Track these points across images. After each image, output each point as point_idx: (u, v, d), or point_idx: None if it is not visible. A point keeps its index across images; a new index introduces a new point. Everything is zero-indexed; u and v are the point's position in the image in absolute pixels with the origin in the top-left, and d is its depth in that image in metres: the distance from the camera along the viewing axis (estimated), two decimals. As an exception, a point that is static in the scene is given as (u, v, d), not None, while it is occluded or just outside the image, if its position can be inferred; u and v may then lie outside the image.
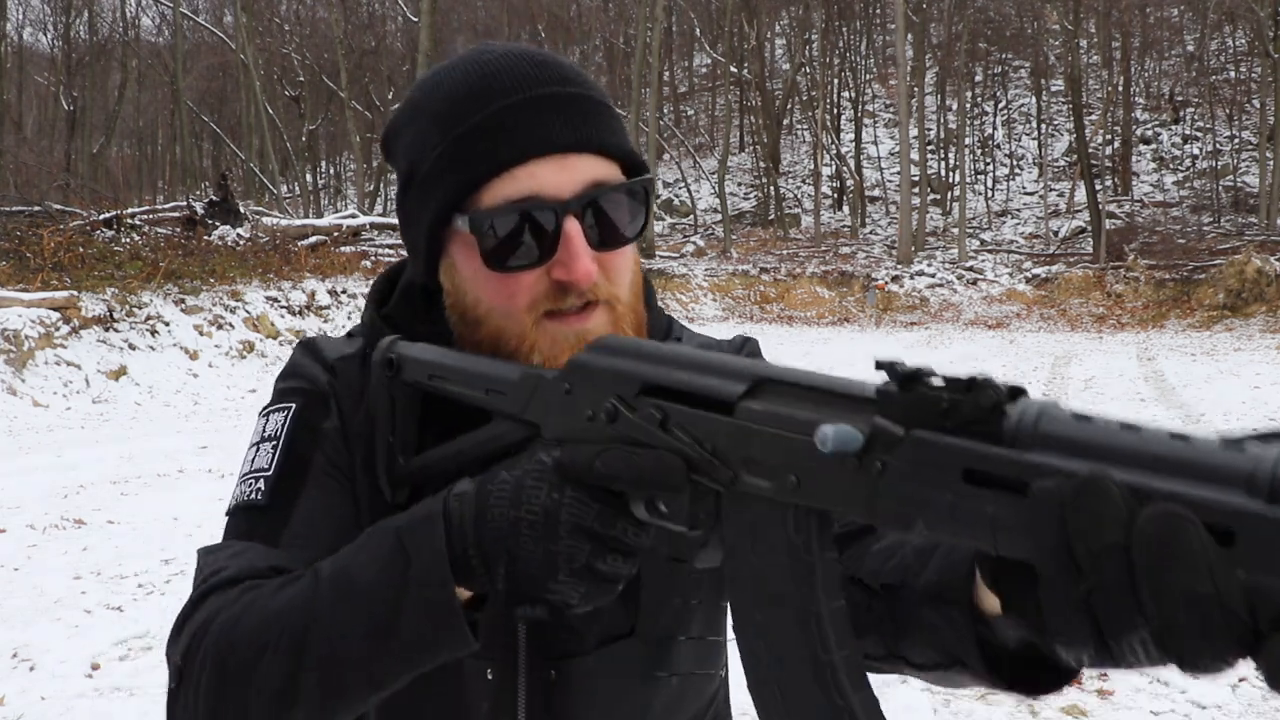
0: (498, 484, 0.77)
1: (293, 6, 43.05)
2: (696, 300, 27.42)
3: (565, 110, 0.90)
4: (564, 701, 0.98)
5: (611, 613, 0.98)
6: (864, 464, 0.63)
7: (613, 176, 0.93)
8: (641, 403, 0.77)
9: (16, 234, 15.73)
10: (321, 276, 17.53)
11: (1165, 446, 0.52)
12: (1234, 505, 0.49)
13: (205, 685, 0.81)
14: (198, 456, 8.87)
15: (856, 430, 0.63)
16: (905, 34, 30.67)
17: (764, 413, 0.70)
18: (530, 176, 0.89)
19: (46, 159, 29.99)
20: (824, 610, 0.69)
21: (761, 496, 0.70)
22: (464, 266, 0.94)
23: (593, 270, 0.89)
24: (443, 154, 0.92)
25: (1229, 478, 0.50)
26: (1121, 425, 0.55)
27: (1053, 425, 0.56)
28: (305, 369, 1.01)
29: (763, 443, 0.70)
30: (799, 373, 0.71)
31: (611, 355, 0.81)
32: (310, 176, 42.65)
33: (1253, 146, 31.68)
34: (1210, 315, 22.68)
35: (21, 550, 5.99)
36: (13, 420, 10.78)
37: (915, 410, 0.61)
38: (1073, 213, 32.07)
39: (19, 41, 38.66)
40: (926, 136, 34.62)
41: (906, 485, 0.61)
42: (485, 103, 0.90)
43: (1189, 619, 0.49)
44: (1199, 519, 0.50)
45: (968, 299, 26.81)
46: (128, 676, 4.23)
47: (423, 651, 0.79)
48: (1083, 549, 0.52)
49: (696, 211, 37.08)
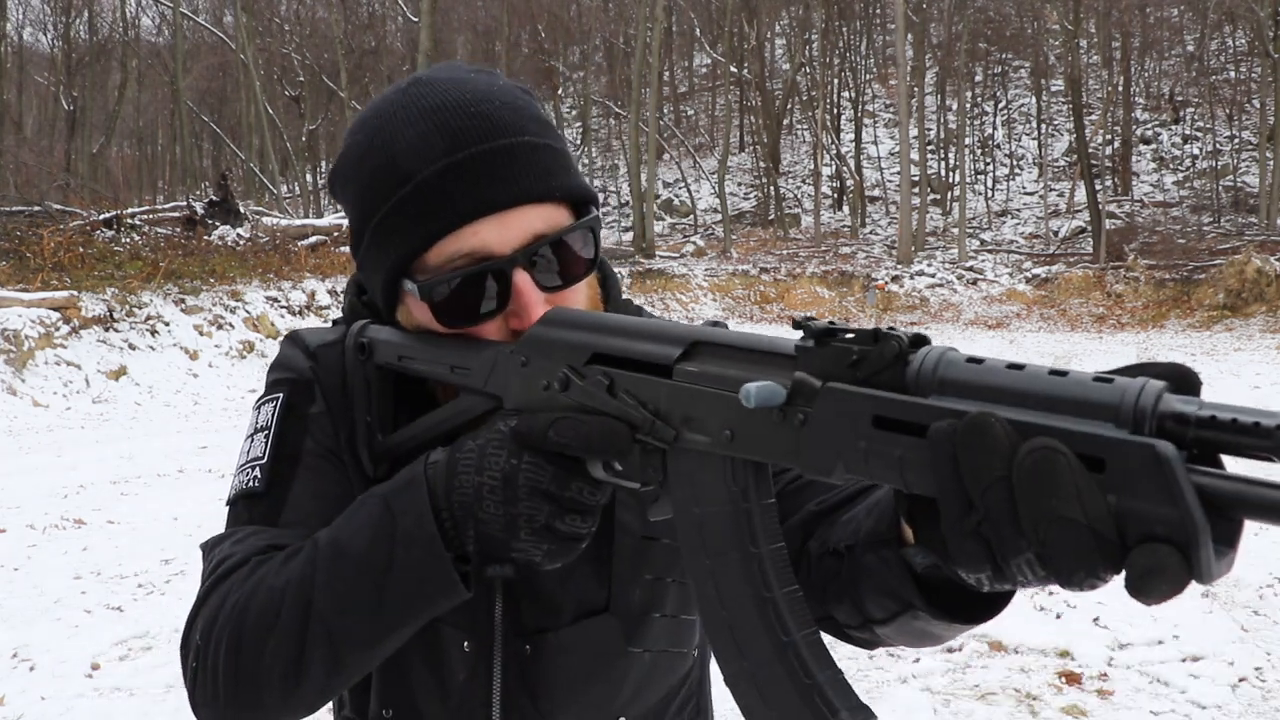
0: (465, 452, 0.83)
1: (293, 6, 43.03)
2: (696, 300, 27.42)
3: (505, 167, 0.91)
4: (538, 674, 1.02)
5: (586, 588, 1.03)
6: (787, 416, 0.69)
7: (557, 220, 0.95)
8: (590, 370, 0.83)
9: (16, 234, 15.73)
10: (321, 276, 17.54)
11: (1045, 384, 0.58)
12: (1101, 435, 0.54)
13: (223, 663, 0.87)
14: (198, 456, 8.87)
15: (779, 385, 0.69)
16: (905, 34, 30.66)
17: (699, 373, 0.76)
18: (473, 235, 0.91)
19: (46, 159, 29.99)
20: (764, 552, 0.74)
21: (701, 451, 0.76)
22: (419, 316, 0.97)
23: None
24: (385, 218, 0.93)
25: (1099, 410, 0.55)
26: (1008, 365, 0.60)
27: (949, 370, 0.62)
28: (290, 360, 1.06)
29: (699, 401, 0.76)
30: (730, 334, 0.77)
31: (562, 328, 0.87)
32: (310, 176, 42.62)
33: (1253, 146, 31.67)
34: (1210, 315, 22.68)
35: (21, 550, 5.99)
36: (13, 420, 10.78)
37: (830, 363, 0.67)
38: (1073, 213, 32.07)
39: (19, 41, 38.65)
40: (926, 136, 34.61)
41: (825, 433, 0.67)
42: (422, 164, 0.91)
43: (1062, 540, 0.55)
44: (1072, 450, 0.55)
45: (968, 299, 26.81)
46: (128, 676, 4.23)
47: (418, 602, 0.84)
48: (972, 483, 0.58)
49: (696, 211, 37.08)
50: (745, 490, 0.75)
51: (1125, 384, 0.56)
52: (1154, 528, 0.54)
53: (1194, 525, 0.53)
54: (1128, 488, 0.54)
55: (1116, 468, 0.54)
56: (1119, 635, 4.62)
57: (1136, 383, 0.56)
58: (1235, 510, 0.55)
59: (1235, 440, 0.54)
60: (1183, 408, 0.55)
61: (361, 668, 0.87)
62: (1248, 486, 0.54)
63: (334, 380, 1.04)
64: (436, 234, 0.91)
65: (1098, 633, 4.64)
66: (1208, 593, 5.25)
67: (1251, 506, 0.54)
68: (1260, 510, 0.54)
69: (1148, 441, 0.53)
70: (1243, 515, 0.55)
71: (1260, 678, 4.18)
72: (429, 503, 0.83)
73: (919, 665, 4.27)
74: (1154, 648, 4.49)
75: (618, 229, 33.29)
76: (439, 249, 0.92)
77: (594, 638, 1.03)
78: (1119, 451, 0.54)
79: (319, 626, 0.84)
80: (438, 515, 0.82)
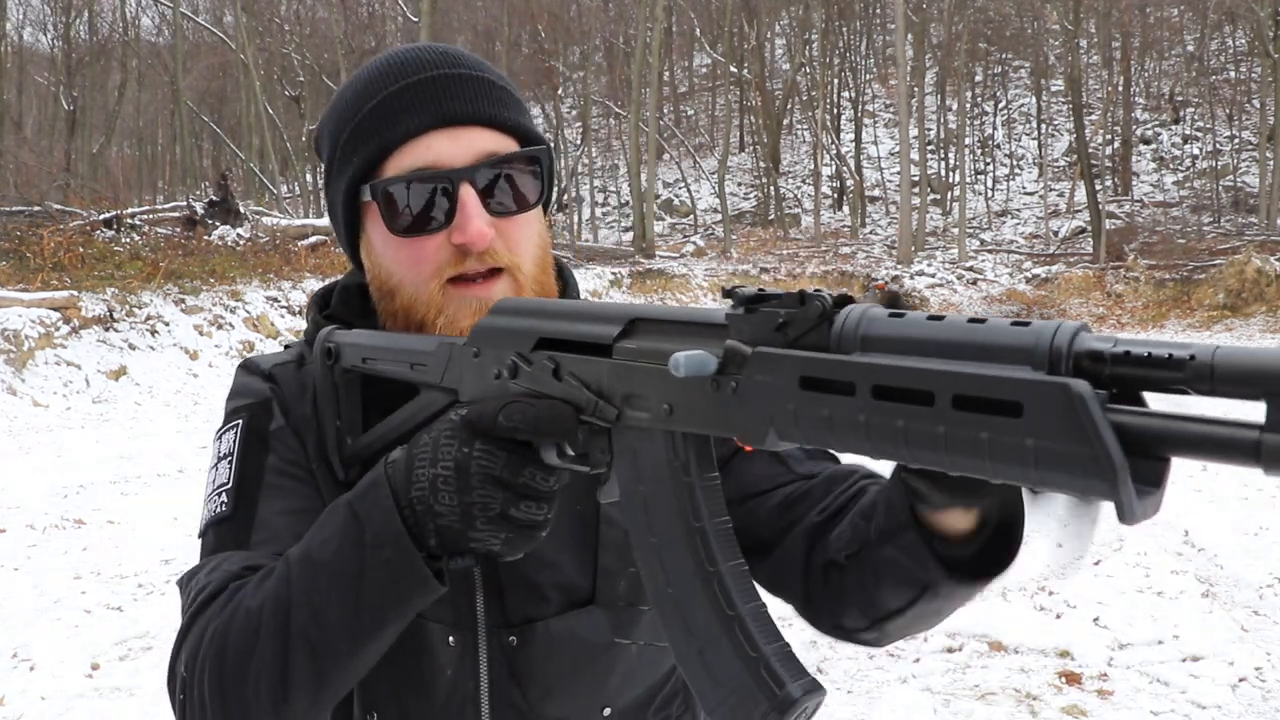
0: (420, 447, 0.83)
1: (293, 6, 43.01)
2: (696, 300, 27.42)
3: (458, 88, 0.97)
4: (526, 665, 1.02)
5: (572, 579, 1.03)
6: (720, 385, 0.69)
7: (507, 149, 0.99)
8: (537, 356, 0.83)
9: (16, 234, 15.72)
10: (321, 276, 17.52)
11: (964, 332, 0.58)
12: (1015, 378, 0.54)
13: (210, 692, 0.87)
14: (198, 456, 8.87)
15: (710, 354, 0.69)
16: (905, 34, 30.65)
17: (636, 350, 0.77)
18: (427, 149, 0.95)
19: (46, 159, 29.97)
20: (707, 526, 0.74)
21: (643, 428, 0.76)
22: (375, 239, 1.00)
23: (487, 233, 0.95)
24: (349, 136, 0.99)
25: (1016, 354, 0.55)
26: (929, 317, 0.61)
27: (871, 326, 0.63)
28: (245, 386, 1.09)
29: (638, 377, 0.76)
30: (665, 309, 0.78)
31: (509, 316, 0.88)
32: (310, 176, 42.59)
33: (1253, 146, 31.66)
34: (1210, 315, 22.67)
35: (21, 550, 5.99)
36: (13, 420, 10.78)
37: (759, 329, 0.68)
38: (1073, 213, 32.06)
39: (19, 41, 38.65)
40: (926, 136, 34.59)
41: (756, 399, 0.66)
42: (385, 85, 0.98)
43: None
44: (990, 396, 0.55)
45: (968, 299, 26.81)
46: (128, 676, 4.23)
47: (394, 603, 0.83)
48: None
49: (696, 211, 37.07)
50: (686, 465, 0.75)
51: (1041, 326, 0.56)
52: (1074, 468, 0.52)
53: (1111, 464, 0.52)
54: (1043, 428, 0.53)
55: (1033, 410, 0.53)
56: (1119, 635, 4.62)
57: (1051, 324, 0.55)
58: (1158, 448, 0.54)
59: (1152, 375, 0.53)
60: (1098, 345, 0.54)
61: (346, 678, 0.87)
62: (1169, 422, 0.53)
63: (292, 394, 1.06)
64: (392, 143, 0.95)
65: (1098, 633, 4.64)
66: (1208, 592, 5.25)
67: (1174, 443, 0.53)
68: (1185, 446, 0.53)
69: (1060, 381, 0.53)
70: (1167, 453, 0.54)
71: (1260, 678, 4.18)
72: (392, 501, 0.82)
73: (919, 665, 4.27)
74: (1154, 648, 4.49)
75: (618, 229, 33.28)
76: (395, 160, 0.96)
77: (580, 629, 1.03)
78: (1033, 393, 0.53)
79: (299, 641, 0.84)
80: (401, 513, 0.82)
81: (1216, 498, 7.26)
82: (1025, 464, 0.55)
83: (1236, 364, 0.51)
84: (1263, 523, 6.55)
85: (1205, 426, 0.52)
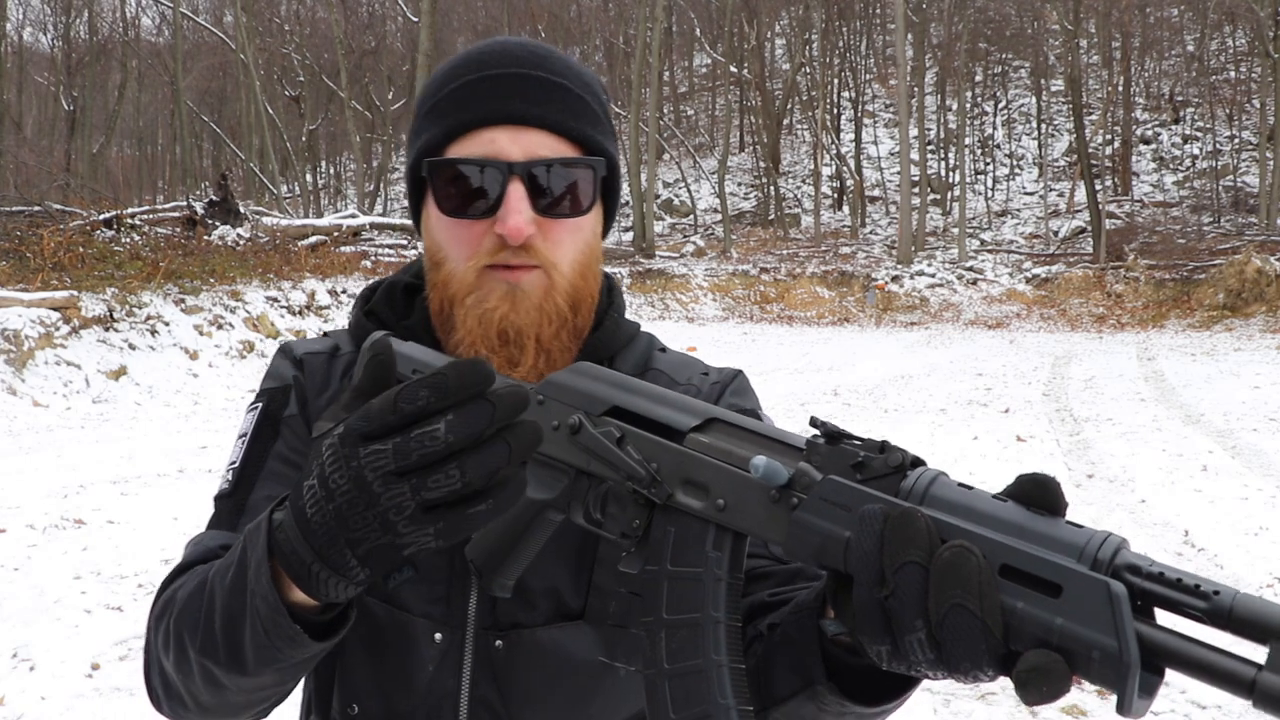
0: (308, 491, 0.75)
1: (293, 6, 43.01)
2: (696, 300, 27.41)
3: (534, 89, 1.00)
4: (509, 672, 1.02)
5: (564, 591, 1.03)
6: (782, 497, 0.75)
7: (567, 154, 1.01)
8: (604, 421, 0.86)
9: (16, 234, 15.73)
10: (321, 276, 17.53)
11: (1022, 517, 0.66)
12: (1065, 565, 0.62)
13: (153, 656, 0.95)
14: (198, 456, 8.87)
15: (784, 468, 0.75)
16: (905, 34, 30.65)
17: (709, 445, 0.81)
18: (490, 141, 0.99)
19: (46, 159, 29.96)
20: (723, 620, 0.78)
21: (691, 513, 0.80)
22: (431, 212, 1.03)
23: (525, 229, 0.96)
24: (426, 112, 1.04)
25: (1066, 547, 0.63)
26: (994, 496, 0.68)
27: (941, 489, 0.69)
28: (277, 369, 1.13)
29: (702, 468, 0.80)
30: (744, 419, 0.82)
31: (587, 379, 0.90)
32: (310, 176, 42.61)
33: (1253, 146, 31.66)
34: (1210, 315, 22.67)
35: (21, 550, 5.99)
36: (13, 420, 10.77)
37: (833, 461, 0.73)
38: (1073, 213, 32.06)
39: (19, 41, 38.63)
40: (926, 136, 34.59)
41: (816, 519, 0.72)
42: (468, 73, 1.02)
43: (954, 625, 0.62)
44: (1034, 573, 0.62)
45: (968, 299, 26.80)
46: (128, 676, 4.23)
47: (268, 654, 0.81)
48: (889, 560, 0.65)
49: (696, 211, 37.07)
50: (720, 559, 0.79)
51: (1091, 531, 0.64)
52: (1091, 653, 0.60)
53: (1129, 659, 0.60)
54: (1078, 614, 0.61)
55: (1072, 595, 0.61)
56: (1119, 635, 4.61)
57: (1102, 533, 0.64)
58: (1165, 660, 0.62)
59: (1175, 597, 0.61)
60: (1137, 561, 0.62)
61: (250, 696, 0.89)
62: (1183, 642, 0.61)
63: (316, 385, 1.10)
64: (457, 129, 1.00)
65: (1098, 633, 4.64)
66: (1208, 593, 5.25)
67: (1182, 660, 0.61)
68: (1190, 666, 0.61)
69: (1104, 579, 0.61)
70: (1172, 667, 0.62)
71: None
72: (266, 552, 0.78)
73: (919, 665, 4.27)
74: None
75: (618, 229, 33.25)
76: (458, 145, 1.00)
77: (567, 642, 1.03)
78: (1077, 581, 0.61)
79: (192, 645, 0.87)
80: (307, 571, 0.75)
81: (1216, 498, 7.26)
82: (1046, 638, 0.62)
83: (1253, 611, 0.59)
84: (1263, 523, 6.55)
85: (1212, 654, 0.60)
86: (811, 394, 13.04)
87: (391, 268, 19.46)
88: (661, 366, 1.14)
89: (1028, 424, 10.66)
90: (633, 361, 1.13)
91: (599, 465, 0.85)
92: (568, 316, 1.01)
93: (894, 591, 0.65)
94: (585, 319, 1.04)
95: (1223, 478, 7.92)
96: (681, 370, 1.15)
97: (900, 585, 0.65)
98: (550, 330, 1.00)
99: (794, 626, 0.85)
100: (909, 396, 12.98)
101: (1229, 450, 9.02)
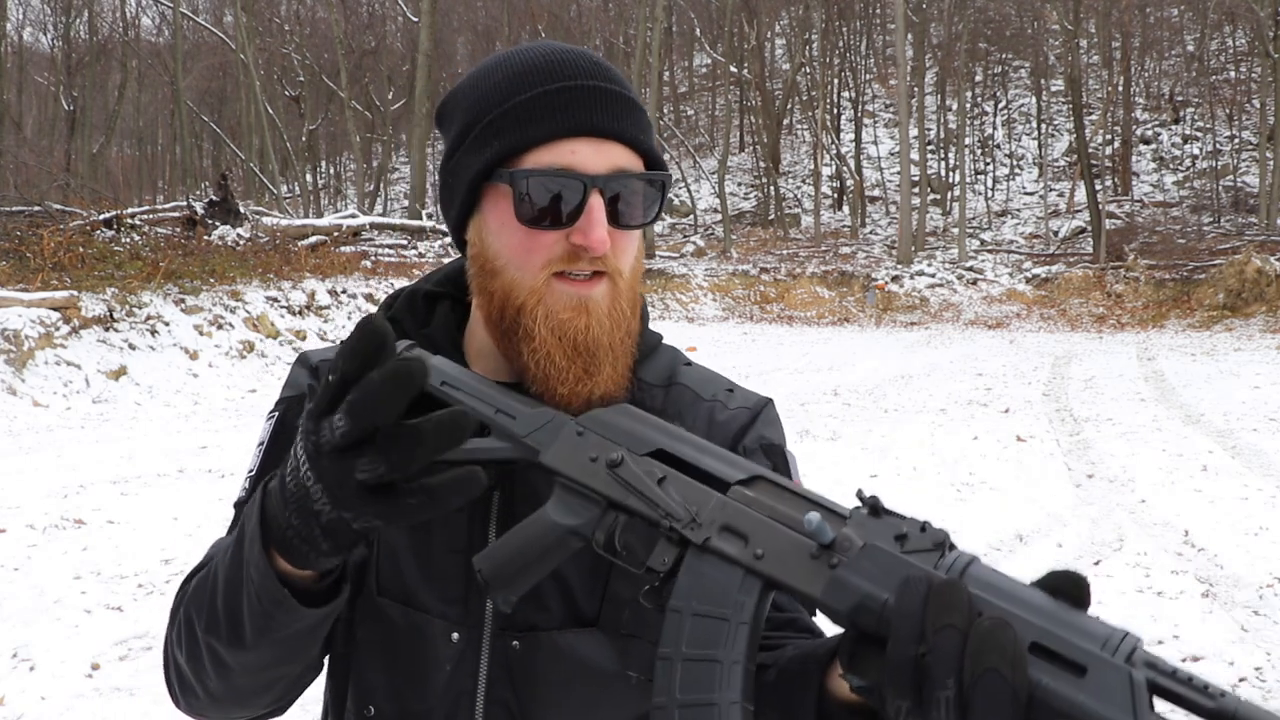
0: (289, 461, 0.85)
1: (293, 6, 43.01)
2: (696, 300, 27.42)
3: (611, 103, 1.03)
4: (524, 673, 1.04)
5: (579, 596, 1.05)
6: (822, 555, 0.79)
7: (636, 167, 1.04)
8: (647, 461, 0.89)
9: (16, 234, 15.72)
10: (321, 276, 17.52)
11: (1054, 605, 0.71)
12: (1094, 651, 0.68)
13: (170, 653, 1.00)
14: (198, 456, 8.87)
15: (830, 529, 0.80)
16: (905, 34, 30.65)
17: (753, 498, 0.85)
18: (571, 152, 1.00)
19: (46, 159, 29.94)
20: (742, 663, 0.81)
21: (726, 557, 0.83)
22: (493, 219, 1.03)
23: (607, 240, 0.99)
24: (502, 115, 1.02)
25: (1092, 637, 0.69)
26: (1026, 585, 0.73)
27: (978, 570, 0.74)
28: (295, 378, 1.16)
29: (743, 518, 0.84)
30: (788, 481, 0.87)
31: (631, 419, 0.94)
32: (310, 176, 42.61)
33: (1253, 146, 31.66)
34: (1210, 315, 22.67)
35: (21, 550, 5.99)
36: (13, 420, 10.78)
37: (875, 532, 0.78)
38: (1073, 213, 32.06)
39: (19, 41, 38.63)
40: (926, 136, 34.59)
41: (856, 581, 0.77)
42: (543, 82, 1.02)
43: (985, 688, 0.66)
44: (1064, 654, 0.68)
45: (968, 299, 26.80)
46: (128, 676, 4.23)
47: (262, 622, 0.88)
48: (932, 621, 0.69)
49: (696, 211, 37.07)
50: (747, 604, 0.82)
51: (1113, 627, 0.70)
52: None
53: None
54: (1099, 695, 0.66)
55: (1095, 678, 0.67)
56: (1119, 635, 4.61)
57: (1122, 629, 0.69)
58: None
59: (1186, 694, 0.66)
60: (1154, 658, 0.68)
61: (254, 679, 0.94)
62: None
63: None
64: (540, 138, 1.00)
65: (1098, 633, 4.64)
66: (1208, 592, 5.26)
67: None
68: None
69: (1128, 667, 0.67)
70: None
71: (1260, 678, 4.19)
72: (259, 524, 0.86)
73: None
74: (1154, 648, 4.49)
75: (618, 229, 33.25)
76: (536, 155, 1.00)
77: (582, 647, 1.04)
78: (1102, 666, 0.67)
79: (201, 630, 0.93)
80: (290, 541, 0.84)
81: (1216, 498, 7.26)
82: (1069, 713, 0.67)
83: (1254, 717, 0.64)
84: (1263, 523, 6.55)
85: None
86: (812, 394, 13.04)
87: (391, 267, 19.46)
88: (686, 381, 1.16)
89: (1028, 424, 10.66)
90: (658, 372, 1.15)
91: (636, 500, 0.87)
92: (630, 320, 1.05)
93: (932, 649, 0.69)
94: (639, 321, 1.08)
95: (1223, 478, 7.92)
96: (707, 386, 1.16)
97: (939, 644, 0.68)
98: (619, 335, 1.03)
99: (796, 677, 0.90)
100: (909, 396, 12.97)
101: (1229, 450, 9.02)
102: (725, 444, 1.10)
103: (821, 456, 8.82)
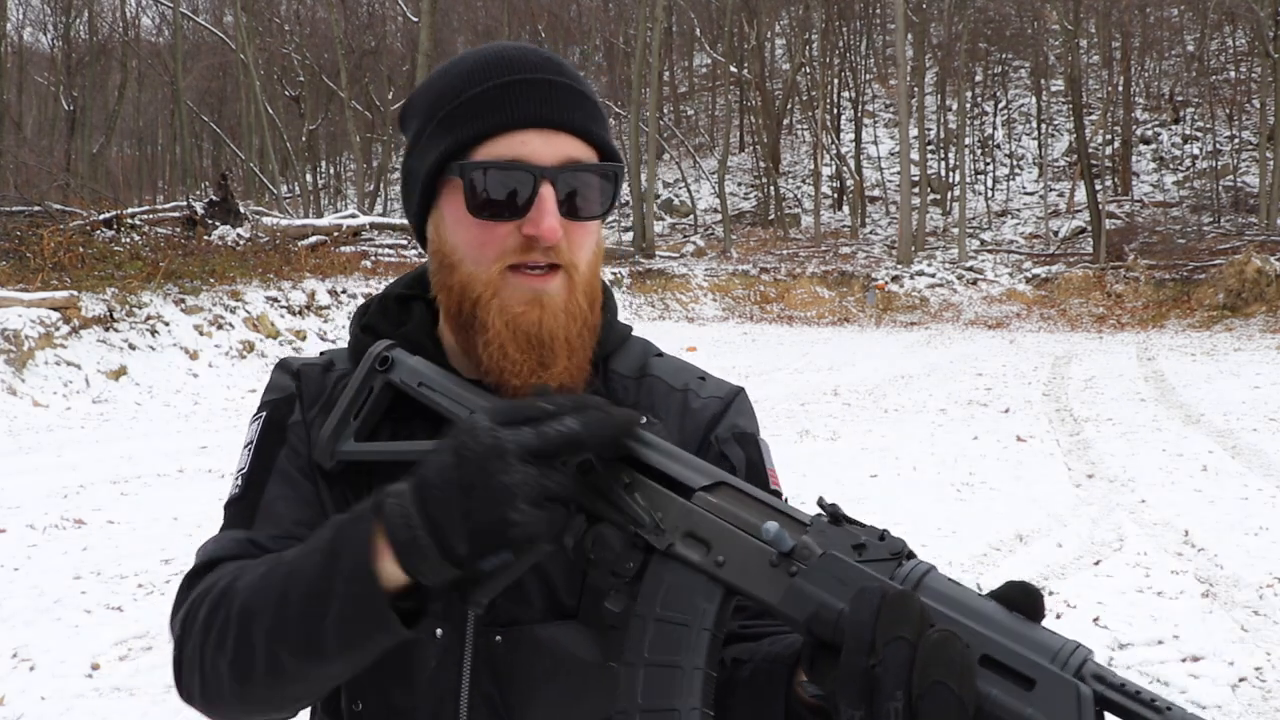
0: (434, 463, 0.85)
1: (293, 6, 42.99)
2: (696, 300, 27.42)
3: (560, 95, 1.04)
4: (508, 667, 1.05)
5: (559, 589, 1.06)
6: (782, 564, 0.80)
7: (590, 158, 1.05)
8: (616, 466, 0.89)
9: (16, 234, 15.73)
10: (321, 276, 17.53)
11: (1005, 616, 0.72)
12: (1042, 664, 0.69)
13: (193, 649, 0.96)
14: (198, 456, 8.87)
15: (790, 537, 0.80)
16: (905, 34, 30.65)
17: (715, 504, 0.86)
18: (522, 144, 1.01)
19: (46, 159, 29.95)
20: (702, 669, 0.82)
21: (688, 563, 0.84)
22: (449, 214, 1.05)
23: (557, 230, 0.99)
24: (450, 113, 1.04)
25: (1043, 649, 0.70)
26: (980, 595, 0.74)
27: (934, 581, 0.75)
28: (277, 382, 1.18)
29: (706, 525, 0.85)
30: (752, 488, 0.87)
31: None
32: (310, 176, 42.59)
33: (1253, 146, 31.65)
34: (1210, 315, 22.67)
35: (21, 550, 5.99)
36: (13, 420, 10.78)
37: (835, 539, 0.79)
38: (1073, 213, 32.05)
39: (19, 41, 38.62)
40: (926, 136, 34.59)
41: (813, 589, 0.77)
42: (494, 75, 1.04)
43: (933, 698, 0.67)
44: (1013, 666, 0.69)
45: (968, 299, 26.80)
46: (128, 676, 4.23)
47: (353, 638, 0.87)
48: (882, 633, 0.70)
49: (696, 211, 37.06)
50: (709, 611, 0.83)
51: (1064, 639, 0.70)
52: None
53: None
54: (1047, 709, 0.67)
55: (1044, 691, 0.68)
56: (1119, 635, 4.62)
57: (1073, 641, 0.70)
58: None
59: (1133, 708, 0.67)
60: (1103, 672, 0.69)
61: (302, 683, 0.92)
62: None
63: (313, 393, 1.15)
64: (492, 130, 1.01)
65: (1098, 633, 4.64)
66: (1208, 592, 5.26)
67: None
68: None
69: (1076, 681, 0.67)
70: None
71: (1260, 678, 4.19)
72: (368, 537, 0.86)
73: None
74: (1154, 648, 4.49)
75: (618, 229, 33.26)
76: (489, 146, 1.01)
77: (565, 640, 1.05)
78: (1050, 680, 0.68)
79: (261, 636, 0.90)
80: (411, 539, 0.83)
81: (1216, 498, 7.26)
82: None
83: None
84: (1263, 523, 6.55)
85: None
86: (812, 394, 13.03)
87: (391, 267, 19.46)
88: (658, 372, 1.17)
89: (1028, 424, 10.66)
90: (629, 363, 1.16)
91: (604, 506, 0.88)
92: (587, 314, 1.05)
93: (882, 661, 0.69)
94: (598, 315, 1.09)
95: (1223, 478, 7.93)
96: (678, 375, 1.17)
97: (888, 656, 0.69)
98: (575, 329, 1.04)
99: (765, 679, 0.92)
100: (909, 396, 12.98)
101: (1229, 450, 9.02)
102: (698, 432, 1.12)
103: (821, 456, 8.82)
